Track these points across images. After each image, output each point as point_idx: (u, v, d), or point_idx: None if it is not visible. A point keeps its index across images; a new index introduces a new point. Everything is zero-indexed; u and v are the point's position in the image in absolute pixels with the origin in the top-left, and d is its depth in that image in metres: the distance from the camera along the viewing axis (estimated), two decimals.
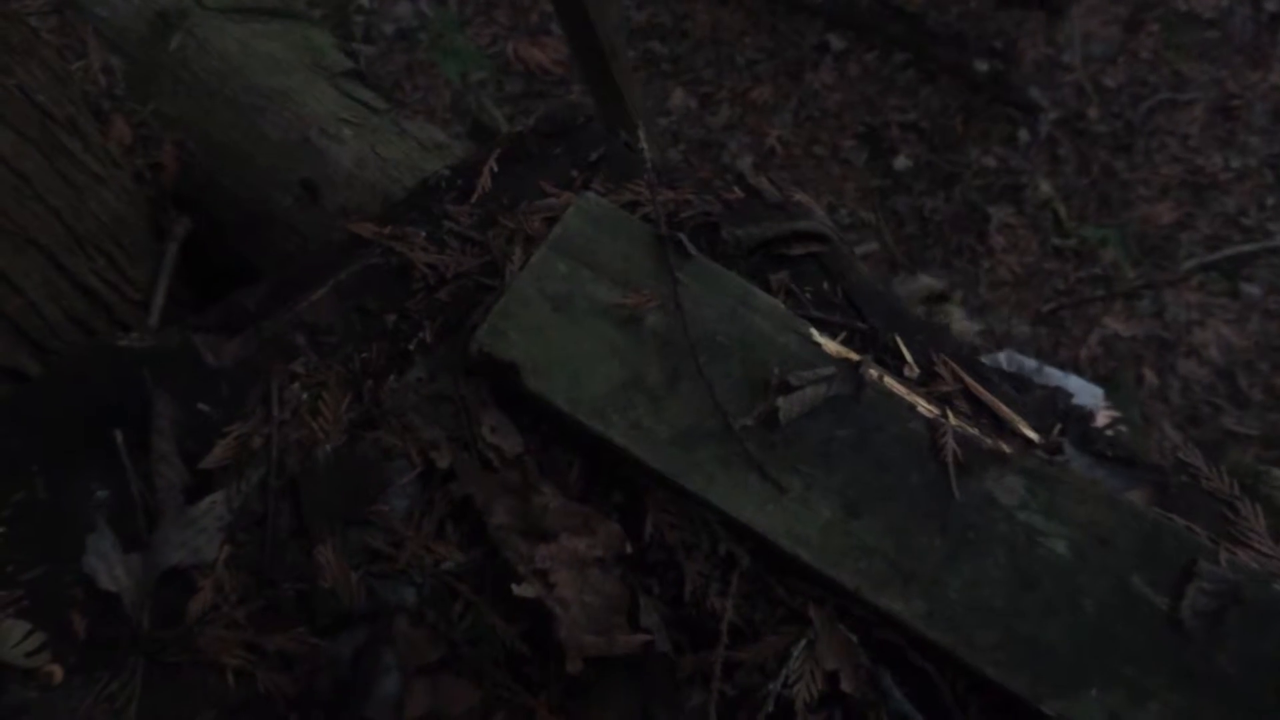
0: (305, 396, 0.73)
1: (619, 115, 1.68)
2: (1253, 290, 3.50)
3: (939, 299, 2.74)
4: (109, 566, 0.64)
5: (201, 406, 0.73)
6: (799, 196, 0.80)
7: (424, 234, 0.79)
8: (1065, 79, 3.80)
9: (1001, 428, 0.73)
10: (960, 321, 2.66)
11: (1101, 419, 2.24)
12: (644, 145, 0.77)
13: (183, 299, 0.99)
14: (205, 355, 0.74)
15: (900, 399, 0.70)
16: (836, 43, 3.90)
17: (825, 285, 0.78)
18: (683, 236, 0.72)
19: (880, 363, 0.75)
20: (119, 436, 0.70)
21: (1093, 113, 3.75)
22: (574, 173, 0.81)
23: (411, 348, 0.75)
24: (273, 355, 0.75)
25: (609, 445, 0.69)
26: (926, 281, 2.89)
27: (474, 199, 0.80)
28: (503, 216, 0.79)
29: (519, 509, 0.67)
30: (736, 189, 0.80)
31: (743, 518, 0.67)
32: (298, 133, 0.94)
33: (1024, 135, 3.75)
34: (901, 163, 3.77)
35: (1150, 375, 3.41)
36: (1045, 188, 3.70)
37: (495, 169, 0.81)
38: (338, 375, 0.74)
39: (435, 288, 0.77)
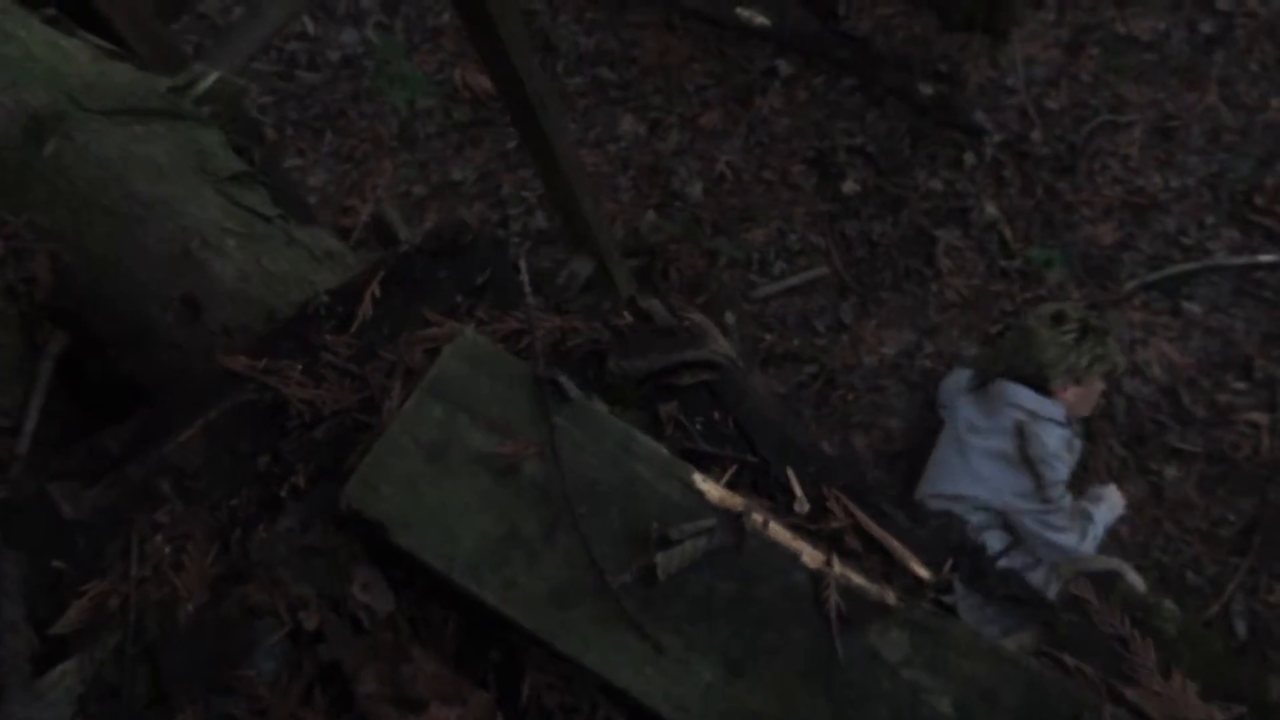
0: (168, 550, 0.70)
1: (553, 171, 1.65)
2: (1193, 308, 3.55)
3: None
4: None
5: (56, 563, 0.69)
6: (694, 317, 0.78)
7: (300, 367, 0.76)
8: (1009, 102, 3.83)
9: (892, 565, 0.71)
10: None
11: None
12: (524, 276, 0.75)
13: (67, 413, 0.95)
14: (61, 506, 0.71)
15: (784, 548, 0.68)
16: (785, 68, 3.91)
17: (716, 415, 0.76)
18: (561, 378, 0.70)
19: (770, 497, 0.73)
20: None
21: (1036, 135, 3.78)
22: (459, 298, 0.78)
23: (283, 493, 0.72)
24: (136, 503, 0.72)
25: (483, 605, 0.67)
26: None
27: (354, 328, 0.78)
28: (383, 348, 0.76)
29: (388, 675, 0.64)
30: (626, 313, 0.78)
31: (620, 681, 0.65)
32: (179, 245, 0.90)
33: (969, 158, 3.78)
34: (850, 187, 3.78)
35: None
36: (991, 210, 3.72)
37: (377, 294, 0.79)
38: (204, 525, 0.71)
39: (311, 426, 0.74)
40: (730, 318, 3.59)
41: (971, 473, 2.65)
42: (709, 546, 0.66)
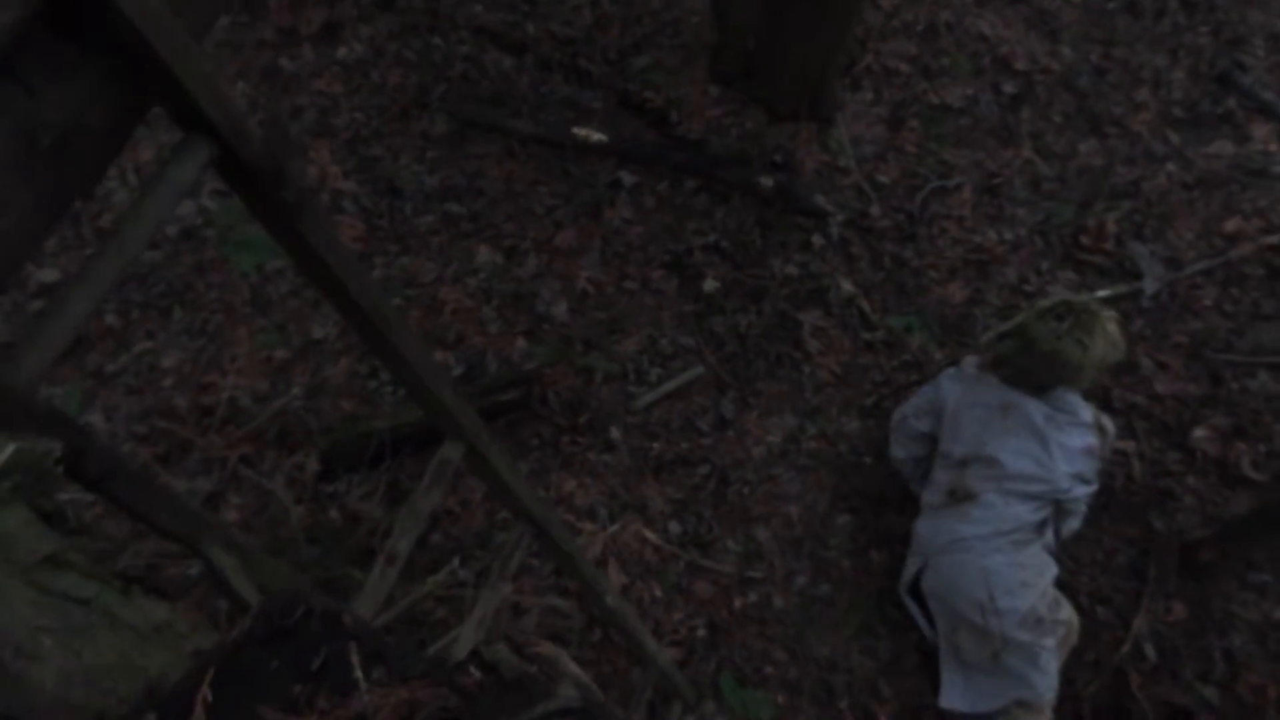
0: None
1: (407, 374, 1.63)
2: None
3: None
4: None
5: None
6: (543, 651, 0.77)
7: None
8: (844, 182, 4.02)
9: None
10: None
11: None
12: (357, 670, 0.73)
13: None
14: None
15: None
16: (628, 179, 4.00)
17: None
18: None
19: None
20: None
21: (875, 209, 3.97)
22: (297, 687, 0.75)
23: None
24: None
25: None
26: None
27: None
28: None
29: None
30: (473, 669, 0.76)
31: None
32: None
33: (818, 240, 3.93)
34: (710, 284, 3.87)
35: None
36: (847, 286, 3.87)
37: (209, 698, 0.75)
38: None
39: None
40: (615, 433, 3.60)
41: (1059, 456, 2.89)
42: None
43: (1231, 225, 3.82)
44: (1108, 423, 3.05)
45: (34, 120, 0.84)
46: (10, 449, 0.93)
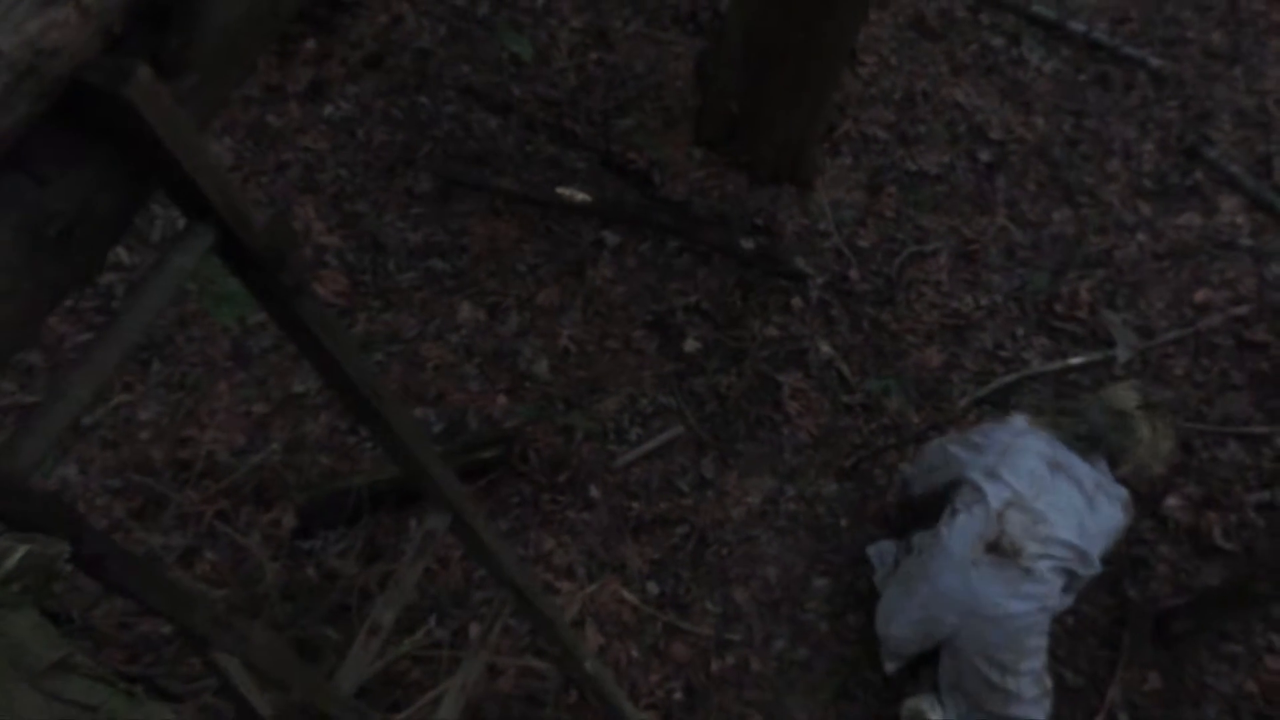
0: None
1: (398, 447, 1.64)
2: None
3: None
4: None
5: None
6: None
7: None
8: (824, 245, 4.08)
9: None
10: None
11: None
12: None
13: None
14: None
15: None
16: (611, 238, 4.05)
17: None
18: None
19: None
20: None
21: (854, 273, 4.03)
22: None
23: None
24: None
25: None
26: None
27: None
28: None
29: None
30: None
31: None
32: None
33: (798, 302, 3.98)
34: (691, 345, 3.90)
35: None
36: (826, 349, 3.91)
37: None
38: None
39: None
40: (595, 491, 3.59)
41: (1099, 528, 2.79)
42: None
43: (1201, 295, 3.91)
44: (1130, 505, 2.96)
45: (43, 211, 0.86)
46: (20, 552, 0.92)
